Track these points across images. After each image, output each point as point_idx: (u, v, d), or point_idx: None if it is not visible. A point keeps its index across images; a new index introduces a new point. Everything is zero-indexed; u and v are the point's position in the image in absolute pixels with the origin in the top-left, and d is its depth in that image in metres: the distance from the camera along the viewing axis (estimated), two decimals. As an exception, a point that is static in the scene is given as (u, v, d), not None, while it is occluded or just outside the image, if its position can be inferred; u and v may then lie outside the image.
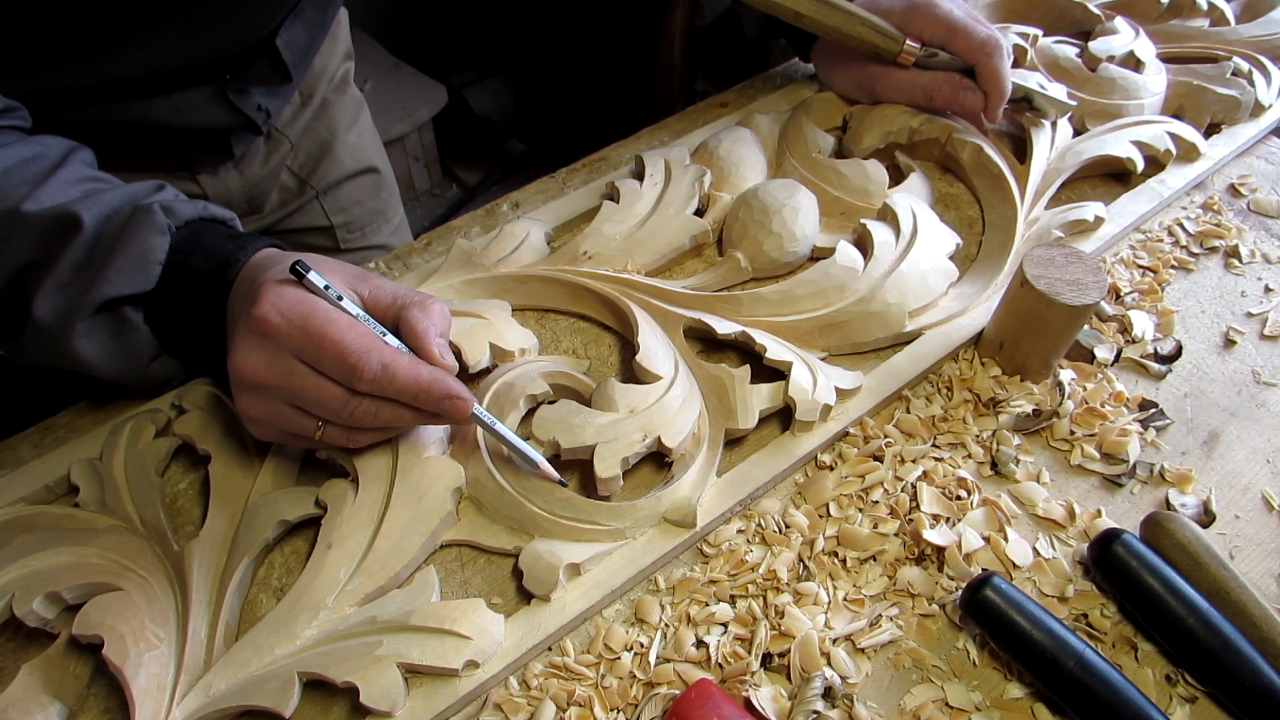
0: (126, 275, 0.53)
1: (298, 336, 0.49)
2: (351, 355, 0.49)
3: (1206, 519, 0.60)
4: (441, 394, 0.51)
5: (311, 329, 0.49)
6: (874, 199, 0.75)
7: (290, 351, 0.49)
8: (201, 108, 0.74)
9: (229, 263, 0.55)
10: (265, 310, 0.49)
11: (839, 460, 0.62)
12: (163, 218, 0.55)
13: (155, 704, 0.47)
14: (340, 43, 0.96)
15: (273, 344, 0.49)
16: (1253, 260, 0.77)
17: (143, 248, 0.54)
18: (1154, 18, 0.96)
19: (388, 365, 0.49)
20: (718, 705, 0.47)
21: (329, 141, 0.95)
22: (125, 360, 0.57)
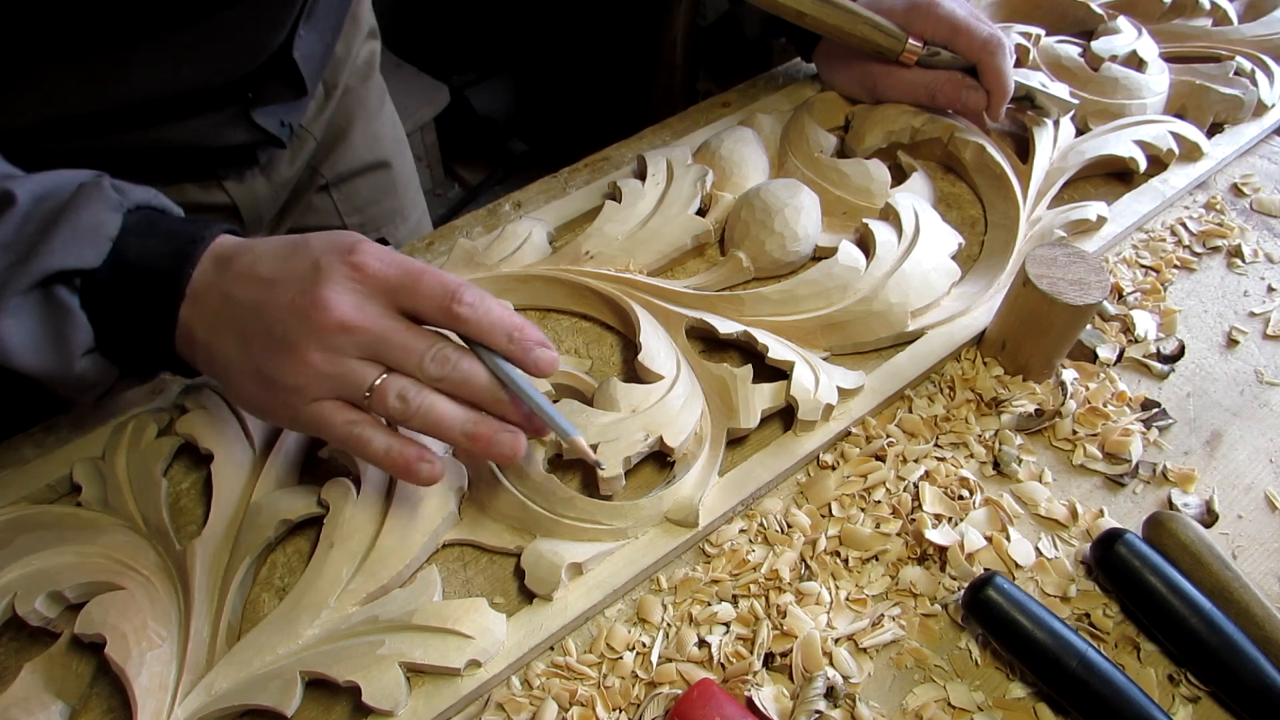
0: (71, 248, 0.48)
1: (396, 274, 0.48)
2: (450, 282, 0.48)
3: (1209, 519, 0.60)
4: (536, 338, 0.50)
5: (411, 268, 0.48)
6: (876, 198, 0.75)
7: (386, 293, 0.48)
8: (223, 129, 0.72)
9: (191, 241, 0.50)
10: (364, 256, 0.48)
11: (841, 460, 0.62)
12: (114, 194, 0.50)
13: (157, 703, 0.47)
14: (362, 23, 0.92)
15: (369, 287, 0.48)
16: (1255, 260, 0.77)
17: (92, 220, 0.49)
18: (1156, 17, 0.96)
19: (483, 295, 0.49)
20: (720, 705, 0.47)
21: (344, 129, 0.91)
22: (53, 351, 0.50)
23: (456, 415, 0.49)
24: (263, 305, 0.48)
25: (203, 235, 0.51)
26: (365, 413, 0.49)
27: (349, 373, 0.48)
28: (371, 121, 0.95)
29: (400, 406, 0.48)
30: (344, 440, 0.49)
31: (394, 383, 0.48)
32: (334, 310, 0.47)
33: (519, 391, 0.50)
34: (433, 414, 0.49)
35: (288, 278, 0.48)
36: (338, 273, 0.47)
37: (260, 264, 0.49)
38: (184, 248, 0.50)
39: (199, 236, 0.51)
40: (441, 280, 0.48)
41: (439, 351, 0.48)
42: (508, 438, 0.49)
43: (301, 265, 0.48)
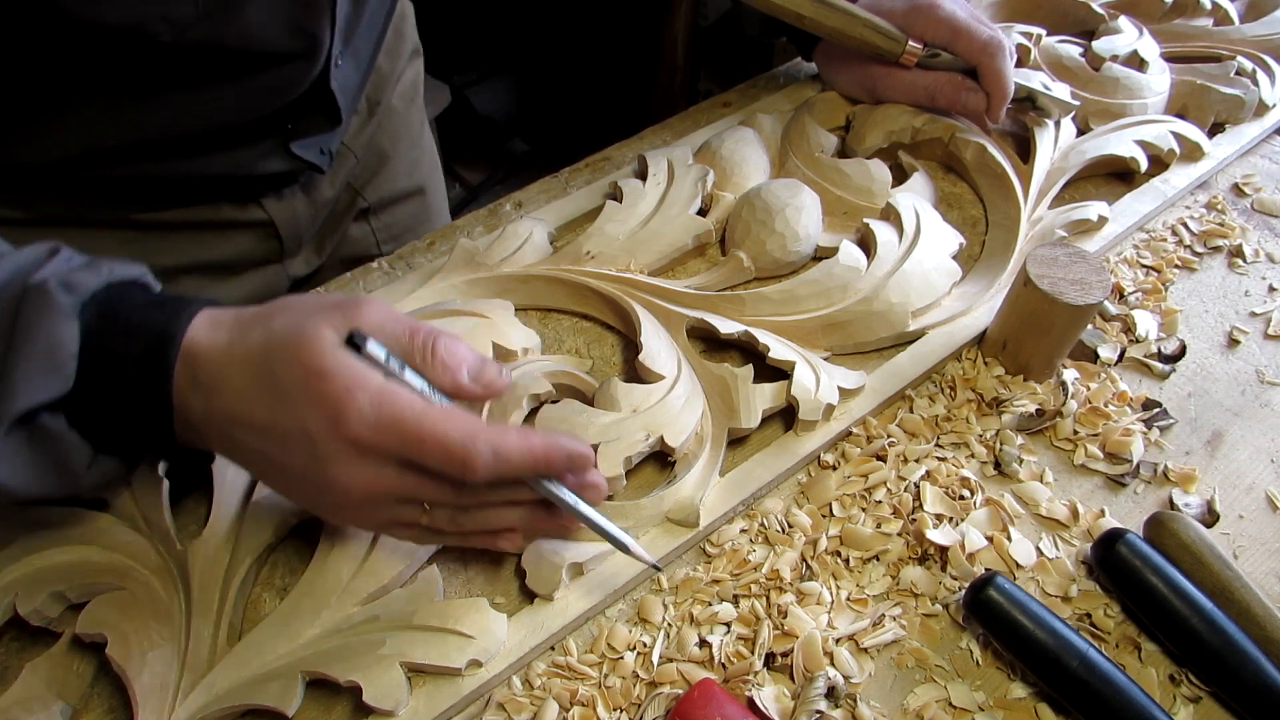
0: (35, 380, 0.42)
1: (396, 443, 0.43)
2: (457, 450, 0.43)
3: (1210, 519, 0.60)
4: (562, 457, 0.46)
5: (409, 433, 0.43)
6: (877, 198, 0.75)
7: (393, 458, 0.44)
8: (262, 160, 0.72)
9: (164, 340, 0.45)
10: (356, 427, 0.43)
11: (842, 460, 0.62)
12: (64, 297, 0.44)
13: (158, 703, 0.47)
14: (406, 39, 0.90)
15: (373, 457, 0.44)
16: (1256, 260, 0.77)
17: (48, 341, 0.43)
18: (1157, 17, 0.96)
19: (496, 447, 0.44)
20: (721, 705, 0.47)
21: (387, 153, 0.90)
22: (55, 476, 0.46)
23: (511, 518, 0.50)
24: (273, 459, 0.45)
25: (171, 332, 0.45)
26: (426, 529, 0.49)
27: (394, 515, 0.47)
28: (414, 147, 0.94)
29: (455, 528, 0.49)
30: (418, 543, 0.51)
31: (442, 515, 0.48)
32: (353, 490, 0.44)
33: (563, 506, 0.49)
34: (489, 522, 0.49)
35: (284, 438, 0.44)
36: (337, 451, 0.44)
37: (243, 406, 0.45)
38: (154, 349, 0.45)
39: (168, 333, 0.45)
40: (445, 448, 0.43)
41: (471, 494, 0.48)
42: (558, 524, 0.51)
43: (292, 427, 0.44)
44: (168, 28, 0.55)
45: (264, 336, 0.45)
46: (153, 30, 0.55)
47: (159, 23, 0.55)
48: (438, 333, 0.47)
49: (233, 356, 0.45)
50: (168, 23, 0.55)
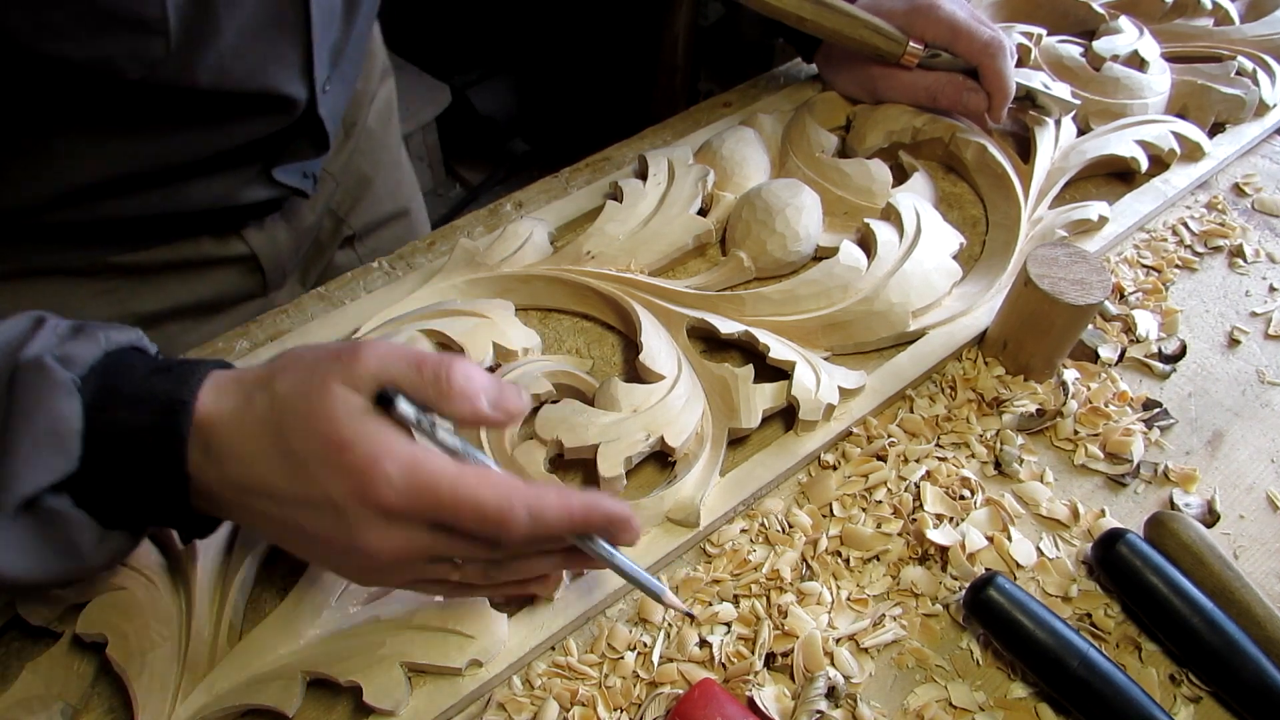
0: (38, 461, 0.40)
1: (430, 510, 0.42)
2: (493, 514, 0.42)
3: (1210, 519, 0.60)
4: (601, 519, 0.45)
5: (443, 500, 0.41)
6: (877, 198, 0.75)
7: (425, 523, 0.43)
8: (243, 188, 0.70)
9: (173, 409, 0.42)
10: (385, 494, 0.41)
11: (842, 460, 0.62)
12: (61, 372, 0.41)
13: (159, 703, 0.47)
14: (376, 58, 0.89)
15: (405, 522, 0.42)
16: (1257, 260, 0.77)
17: (49, 420, 0.41)
18: (1158, 17, 0.96)
19: (533, 510, 0.42)
20: (721, 705, 0.47)
21: (369, 176, 0.89)
22: (63, 559, 0.43)
23: (544, 567, 0.49)
24: (293, 526, 0.44)
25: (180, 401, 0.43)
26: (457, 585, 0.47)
27: (424, 573, 0.46)
28: (395, 168, 0.93)
29: (487, 580, 0.47)
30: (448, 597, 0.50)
31: (472, 569, 0.47)
32: (384, 556, 0.43)
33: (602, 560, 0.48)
34: (522, 573, 0.48)
35: (305, 504, 0.42)
36: (366, 519, 0.42)
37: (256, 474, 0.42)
38: (164, 419, 0.42)
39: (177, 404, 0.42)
40: (481, 514, 0.42)
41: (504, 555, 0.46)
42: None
43: (315, 495, 0.42)
44: (137, 65, 0.54)
45: (270, 403, 0.43)
46: (121, 67, 0.54)
47: (127, 60, 0.53)
48: (448, 360, 0.44)
49: (242, 424, 0.43)
50: (137, 60, 0.54)
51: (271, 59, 0.61)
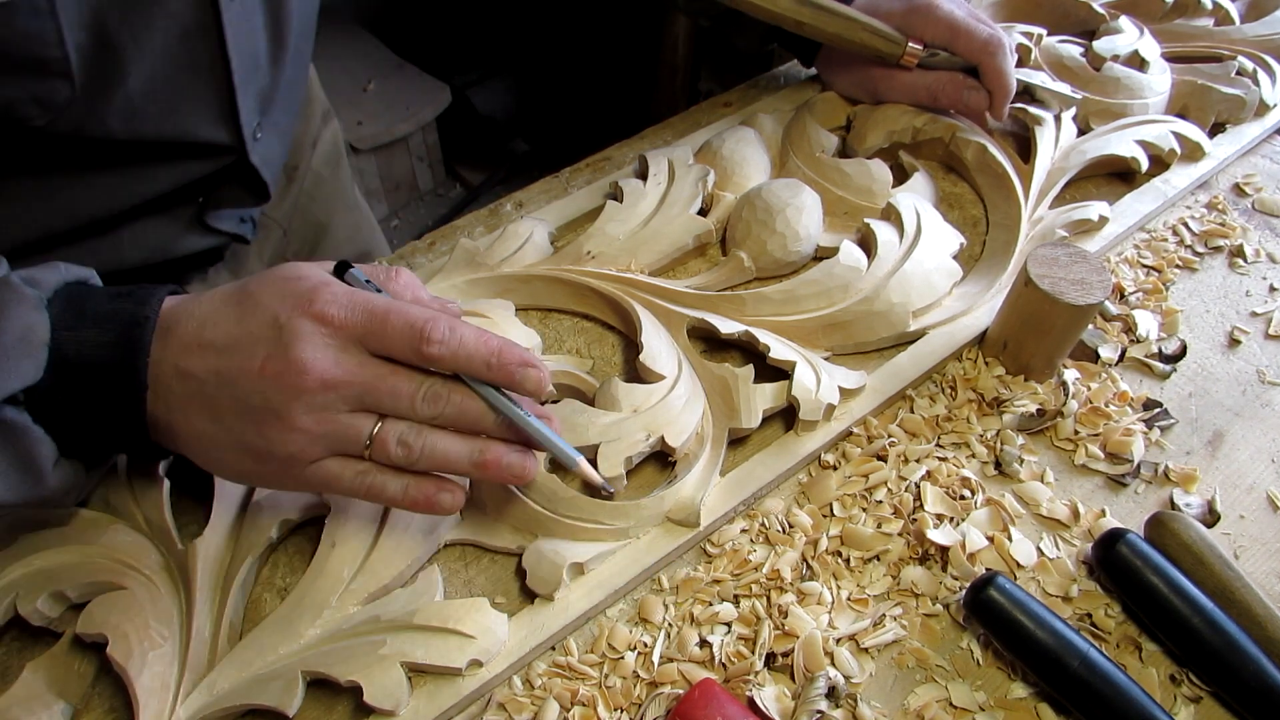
0: (6, 367, 0.42)
1: (362, 320, 0.45)
2: (419, 321, 0.45)
3: (1211, 519, 0.60)
4: (515, 360, 0.47)
5: (375, 310, 0.45)
6: (878, 198, 0.75)
7: (356, 340, 0.45)
8: (180, 238, 0.68)
9: (136, 324, 0.45)
10: (324, 306, 0.44)
11: (842, 460, 0.62)
12: (28, 289, 0.44)
13: (159, 703, 0.47)
14: (316, 102, 0.87)
15: (339, 338, 0.45)
16: (1257, 260, 0.77)
17: (19, 329, 0.43)
18: (1158, 17, 0.96)
19: (454, 327, 0.46)
20: (721, 705, 0.47)
21: (324, 223, 0.88)
22: (20, 476, 0.45)
23: (461, 449, 0.48)
24: (229, 376, 0.45)
25: (144, 316, 0.46)
26: (369, 461, 0.48)
27: (343, 429, 0.46)
28: (350, 210, 0.92)
29: (403, 453, 0.47)
30: (355, 493, 0.48)
31: (391, 429, 0.47)
32: (313, 371, 0.44)
33: (513, 418, 0.48)
34: (436, 453, 0.48)
35: (248, 340, 0.45)
36: (304, 328, 0.44)
37: (210, 329, 0.45)
38: (128, 333, 0.45)
39: (140, 318, 0.45)
40: (408, 319, 0.45)
41: (429, 390, 0.47)
42: (516, 459, 0.48)
43: (259, 325, 0.45)
44: (40, 110, 0.52)
45: (239, 281, 0.47)
46: (24, 113, 0.52)
47: (30, 105, 0.52)
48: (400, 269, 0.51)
49: (202, 298, 0.47)
50: (39, 105, 0.52)
51: (187, 104, 0.60)
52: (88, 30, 0.51)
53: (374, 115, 2.11)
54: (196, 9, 0.56)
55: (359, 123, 2.08)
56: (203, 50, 0.58)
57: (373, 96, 2.14)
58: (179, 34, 0.56)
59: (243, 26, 0.60)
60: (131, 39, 0.53)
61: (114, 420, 0.46)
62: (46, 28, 0.49)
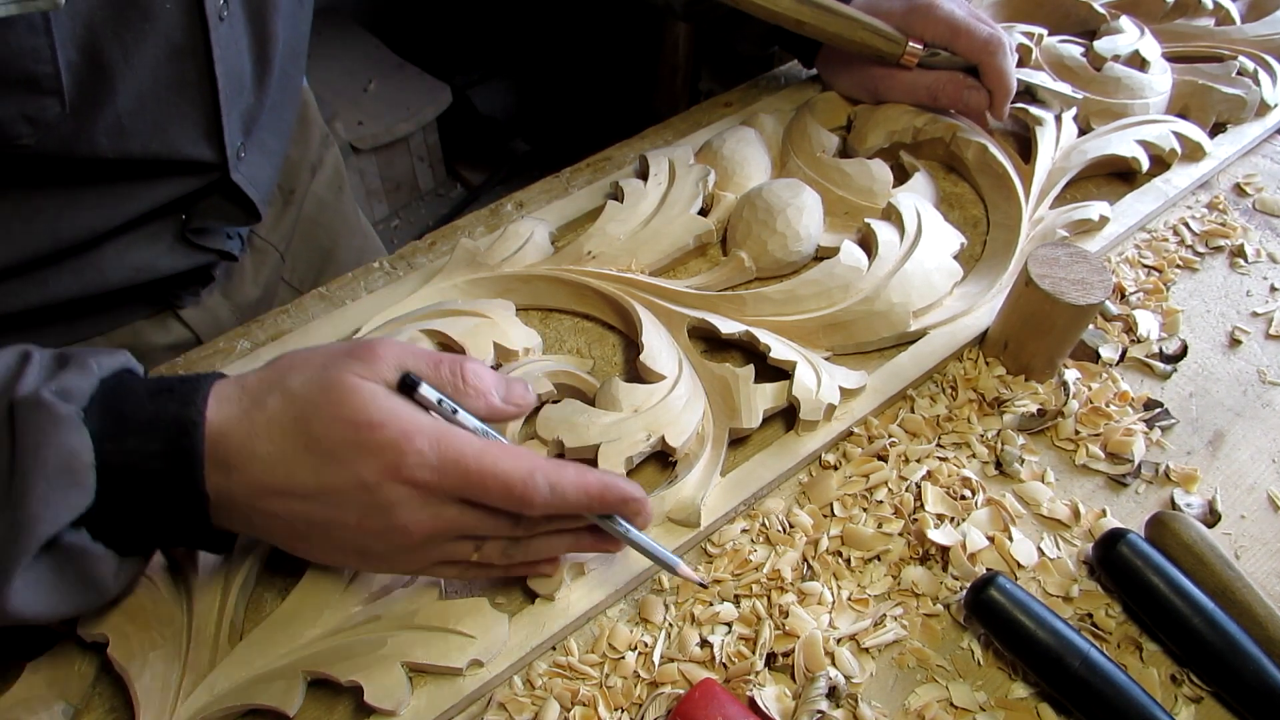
0: (55, 500, 0.39)
1: (457, 484, 0.44)
2: (517, 485, 0.44)
3: (1212, 519, 0.60)
4: (617, 499, 0.47)
5: (470, 472, 0.44)
6: (878, 198, 0.75)
7: (452, 498, 0.45)
8: (163, 256, 0.67)
9: (183, 433, 0.42)
10: (414, 473, 0.43)
11: (843, 460, 0.62)
12: (64, 407, 0.40)
13: (160, 703, 0.47)
14: (313, 125, 0.87)
15: (434, 497, 0.44)
16: (1258, 259, 0.77)
17: (60, 456, 0.40)
18: (1159, 17, 0.96)
19: (555, 484, 0.45)
20: (722, 705, 0.47)
21: (329, 248, 0.87)
22: (84, 592, 0.44)
23: (559, 546, 0.51)
24: (321, 522, 0.45)
25: (191, 421, 0.42)
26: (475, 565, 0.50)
27: (447, 554, 0.48)
28: (354, 234, 0.92)
29: (506, 561, 0.50)
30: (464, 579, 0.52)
31: (493, 548, 0.49)
32: (414, 532, 0.45)
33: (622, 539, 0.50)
34: (538, 555, 0.51)
35: (336, 496, 0.43)
36: (400, 496, 0.43)
37: (283, 476, 0.43)
38: (177, 444, 0.42)
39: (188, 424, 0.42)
40: (505, 483, 0.44)
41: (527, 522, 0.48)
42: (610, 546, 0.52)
43: (345, 484, 0.43)
44: (29, 128, 0.51)
45: (286, 400, 0.43)
46: (13, 133, 0.51)
47: (20, 122, 0.51)
48: (460, 358, 0.48)
49: (255, 427, 0.43)
50: (29, 122, 0.51)
51: (173, 122, 0.60)
52: (80, 48, 0.51)
53: (375, 115, 2.11)
54: (187, 28, 0.56)
55: (359, 123, 2.08)
56: (191, 69, 0.58)
57: (373, 96, 2.14)
58: (168, 52, 0.56)
59: (230, 47, 0.60)
60: (123, 57, 0.53)
61: (174, 524, 0.45)
62: (40, 44, 0.48)
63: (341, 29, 2.23)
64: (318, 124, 0.89)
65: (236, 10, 0.60)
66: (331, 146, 0.91)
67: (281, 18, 0.65)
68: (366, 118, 2.10)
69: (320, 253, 0.87)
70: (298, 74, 0.75)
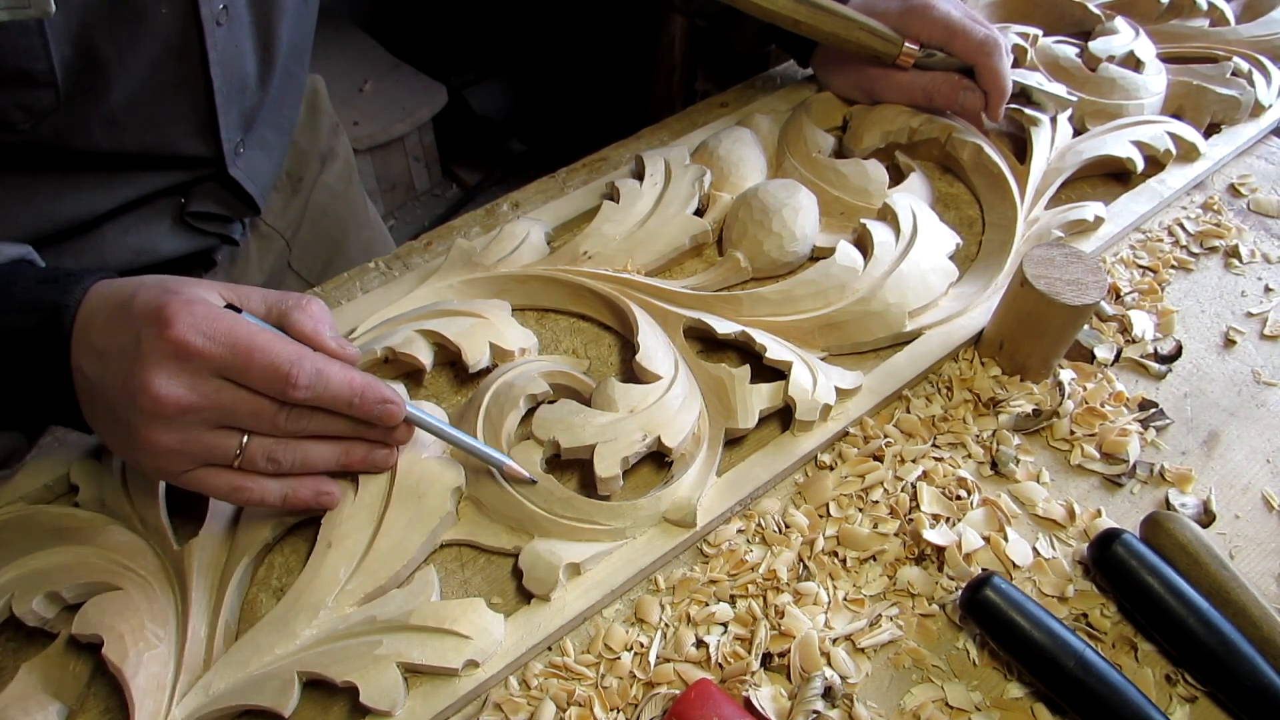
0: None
1: (224, 354, 0.45)
2: (284, 363, 0.45)
3: (1206, 519, 0.60)
4: (376, 398, 0.49)
5: (239, 343, 0.45)
6: (874, 199, 0.75)
7: (215, 371, 0.45)
8: (164, 238, 0.68)
9: (56, 312, 0.46)
10: (183, 332, 0.44)
11: (839, 460, 0.62)
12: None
13: (155, 703, 0.47)
14: (323, 114, 0.87)
15: (195, 365, 0.44)
16: (1253, 260, 0.77)
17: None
18: (1154, 17, 0.96)
19: (321, 370, 0.47)
20: (718, 705, 0.47)
21: (339, 239, 0.87)
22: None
23: (328, 454, 0.51)
24: (100, 385, 0.46)
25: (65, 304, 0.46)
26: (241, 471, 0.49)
27: (206, 447, 0.47)
28: (364, 226, 0.92)
29: (272, 467, 0.49)
30: (233, 501, 0.50)
31: (258, 446, 0.48)
32: (164, 397, 0.44)
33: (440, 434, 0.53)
34: (306, 462, 0.50)
35: (115, 352, 0.45)
36: (158, 352, 0.44)
37: (94, 331, 0.46)
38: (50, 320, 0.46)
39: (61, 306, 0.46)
40: (272, 360, 0.45)
41: (292, 411, 0.48)
42: (381, 454, 0.53)
43: (124, 338, 0.45)
44: (23, 116, 0.53)
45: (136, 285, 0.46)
46: (7, 119, 0.53)
47: (13, 111, 0.52)
48: (315, 298, 0.50)
49: (107, 299, 0.46)
50: (24, 111, 0.53)
51: (168, 118, 0.61)
52: (74, 45, 0.52)
53: (370, 115, 2.11)
54: (181, 30, 0.57)
55: (355, 123, 2.08)
56: (185, 69, 0.59)
57: (369, 97, 2.14)
58: (162, 52, 0.57)
59: (229, 49, 0.61)
60: (116, 55, 0.54)
61: (43, 400, 0.48)
62: (34, 43, 0.50)
63: (337, 29, 2.22)
64: (328, 113, 0.89)
65: (241, 13, 0.61)
66: (342, 136, 0.91)
67: (287, 19, 0.65)
68: (362, 118, 2.10)
69: (329, 243, 0.87)
70: (301, 72, 0.76)
